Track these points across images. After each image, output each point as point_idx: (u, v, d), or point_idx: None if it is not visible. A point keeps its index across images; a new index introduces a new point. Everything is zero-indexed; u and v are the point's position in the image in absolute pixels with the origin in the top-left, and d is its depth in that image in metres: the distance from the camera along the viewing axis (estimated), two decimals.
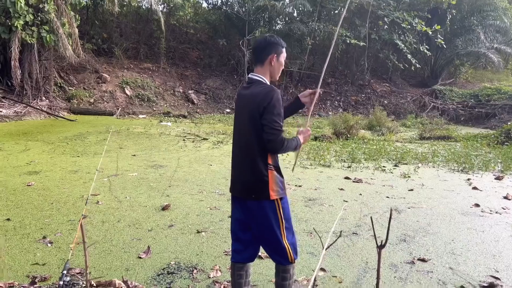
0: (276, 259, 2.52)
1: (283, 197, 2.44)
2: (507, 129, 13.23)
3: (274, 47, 2.43)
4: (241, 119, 2.44)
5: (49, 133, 10.32)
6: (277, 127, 2.29)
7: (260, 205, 2.39)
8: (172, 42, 21.74)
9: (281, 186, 2.44)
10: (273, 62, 2.44)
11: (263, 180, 2.36)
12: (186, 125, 14.28)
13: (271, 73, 2.48)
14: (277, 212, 2.40)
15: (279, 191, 2.41)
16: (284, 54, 2.50)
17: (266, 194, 2.36)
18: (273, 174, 2.39)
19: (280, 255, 2.47)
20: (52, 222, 4.21)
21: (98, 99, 16.55)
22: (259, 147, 2.35)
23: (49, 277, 3.07)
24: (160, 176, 6.47)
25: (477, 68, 28.25)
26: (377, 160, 8.83)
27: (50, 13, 12.47)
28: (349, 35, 20.77)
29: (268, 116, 2.28)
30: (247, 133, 2.38)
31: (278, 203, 2.40)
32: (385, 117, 15.53)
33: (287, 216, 2.46)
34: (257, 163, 2.36)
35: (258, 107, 2.30)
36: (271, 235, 2.43)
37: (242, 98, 2.47)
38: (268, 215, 2.40)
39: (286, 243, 2.44)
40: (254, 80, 2.44)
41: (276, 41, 2.45)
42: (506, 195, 6.24)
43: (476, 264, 3.68)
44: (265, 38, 2.46)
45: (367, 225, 4.57)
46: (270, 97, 2.29)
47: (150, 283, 3.06)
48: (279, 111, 2.30)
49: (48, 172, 6.33)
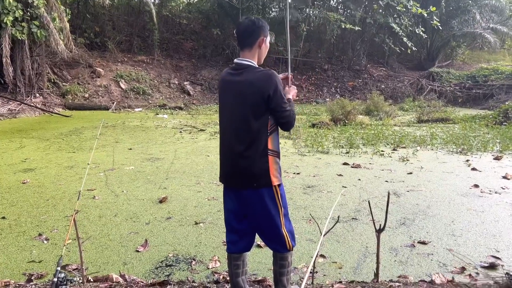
0: (274, 247, 2.47)
1: (281, 183, 2.41)
2: (505, 109, 13.18)
3: (263, 30, 2.37)
4: (237, 106, 2.34)
5: (44, 130, 10.24)
6: (287, 108, 2.31)
7: (259, 193, 2.33)
8: (166, 33, 21.52)
9: (280, 172, 2.40)
10: (262, 45, 2.39)
11: (264, 167, 2.30)
12: (183, 116, 14.19)
13: (259, 57, 2.41)
14: (276, 199, 2.35)
15: (278, 177, 2.37)
16: (269, 37, 2.49)
17: (268, 181, 2.31)
18: (273, 160, 2.34)
19: (279, 243, 2.43)
20: (48, 219, 4.17)
21: (92, 94, 16.42)
22: (259, 134, 2.30)
23: (45, 274, 3.03)
24: (157, 168, 6.42)
25: (474, 49, 28.08)
26: (375, 145, 8.79)
27: (40, 8, 12.28)
28: (344, 20, 20.58)
29: (279, 101, 2.27)
30: (245, 120, 2.29)
31: (276, 190, 2.35)
32: (383, 102, 15.43)
33: (284, 203, 2.43)
34: (257, 150, 2.30)
35: (262, 93, 2.24)
36: (270, 223, 2.39)
37: (234, 85, 2.35)
38: (267, 203, 2.34)
39: (284, 230, 2.40)
40: (245, 66, 2.35)
41: (264, 24, 2.39)
42: (505, 175, 6.21)
43: (476, 244, 3.65)
44: (253, 21, 2.38)
45: (366, 210, 4.54)
46: (275, 83, 2.25)
47: (148, 276, 3.03)
48: (282, 92, 2.32)
49: (43, 168, 6.28)
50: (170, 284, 2.80)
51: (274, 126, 2.36)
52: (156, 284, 2.81)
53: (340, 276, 3.07)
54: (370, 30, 22.15)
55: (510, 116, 12.58)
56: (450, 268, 3.19)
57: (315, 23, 21.53)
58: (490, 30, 22.67)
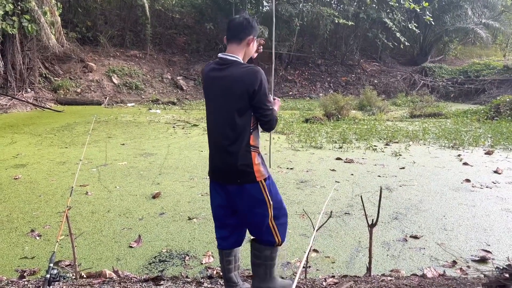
0: (261, 240, 2.46)
1: (268, 176, 2.39)
2: (497, 104, 13.30)
3: (254, 30, 2.36)
4: (222, 102, 2.32)
5: (35, 125, 10.15)
6: (270, 107, 2.32)
7: (243, 189, 2.31)
8: (158, 28, 21.36)
9: (264, 166, 2.39)
10: (250, 45, 2.36)
11: (248, 163, 2.29)
12: (176, 112, 14.14)
13: (245, 55, 2.38)
14: (263, 193, 2.33)
15: (262, 172, 2.35)
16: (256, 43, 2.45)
17: (252, 177, 2.30)
18: (255, 156, 2.33)
19: (266, 236, 2.42)
20: (40, 215, 4.14)
21: (85, 88, 16.29)
22: (243, 130, 2.28)
23: (38, 270, 3.02)
24: (150, 164, 6.40)
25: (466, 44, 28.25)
26: (368, 140, 8.83)
27: (31, 2, 12.12)
28: (337, 15, 20.56)
29: (261, 98, 2.25)
30: (230, 116, 2.28)
31: (263, 184, 2.34)
32: (376, 97, 15.49)
33: (274, 196, 2.40)
34: (240, 146, 2.29)
35: (247, 89, 2.21)
36: (257, 218, 2.37)
37: (219, 81, 2.31)
38: (253, 197, 2.32)
39: (273, 223, 2.39)
40: (230, 61, 2.30)
41: (256, 25, 2.38)
42: (496, 169, 6.28)
43: (467, 238, 3.69)
44: (248, 19, 2.36)
45: (359, 205, 4.57)
46: (260, 79, 2.22)
47: (141, 272, 3.03)
48: (267, 91, 2.29)
49: (35, 164, 6.23)
50: (163, 280, 2.80)
51: (255, 123, 2.35)
52: (149, 279, 2.81)
53: (333, 270, 3.09)
54: (363, 25, 22.17)
55: (501, 111, 12.70)
56: (441, 262, 3.23)
57: (309, 18, 21.50)
58: (482, 26, 22.80)
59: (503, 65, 20.83)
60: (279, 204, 2.43)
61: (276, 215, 2.41)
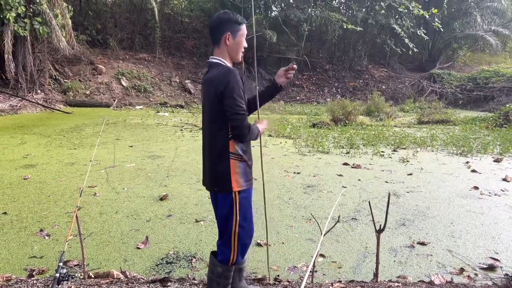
0: (220, 252, 2.35)
1: (245, 189, 2.25)
2: (506, 111, 13.19)
3: (227, 25, 2.21)
4: (204, 106, 2.28)
5: (45, 126, 10.25)
6: (240, 111, 2.12)
7: (218, 198, 2.27)
8: (167, 31, 21.53)
9: (245, 177, 2.25)
10: (228, 42, 2.22)
11: (224, 171, 2.19)
12: (184, 115, 14.21)
13: (229, 54, 2.26)
14: (233, 205, 2.22)
15: (241, 183, 2.22)
16: (242, 31, 2.25)
17: (228, 186, 2.20)
18: (235, 165, 2.20)
19: (222, 250, 2.32)
20: (49, 215, 4.18)
21: (94, 91, 16.43)
22: (218, 136, 2.20)
23: (46, 269, 3.05)
24: (157, 166, 6.43)
25: (475, 51, 28.09)
26: (375, 146, 8.80)
27: (42, 5, 12.29)
28: (346, 20, 20.58)
29: (229, 101, 2.09)
30: (207, 121, 2.24)
31: (235, 196, 2.22)
32: (383, 102, 15.46)
33: (244, 213, 2.26)
34: (217, 153, 2.21)
35: (215, 92, 2.12)
36: (223, 227, 2.30)
37: (203, 85, 2.30)
38: (224, 206, 2.25)
39: (235, 241, 2.27)
40: (212, 64, 2.26)
41: (230, 17, 2.22)
42: (505, 177, 6.23)
43: (475, 246, 3.67)
44: (218, 16, 2.24)
45: (366, 210, 4.56)
46: (227, 80, 2.09)
47: (148, 273, 3.05)
48: (239, 93, 2.11)
49: (44, 165, 6.29)
50: (170, 281, 2.81)
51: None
52: (156, 281, 2.83)
53: (339, 275, 3.08)
54: (372, 31, 22.16)
55: (510, 118, 12.59)
56: (449, 269, 3.21)
57: (317, 23, 21.57)
58: (491, 33, 22.68)
59: None
60: (246, 223, 2.29)
61: (240, 234, 2.27)
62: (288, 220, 4.21)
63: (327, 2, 24.27)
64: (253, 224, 2.37)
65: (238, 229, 2.25)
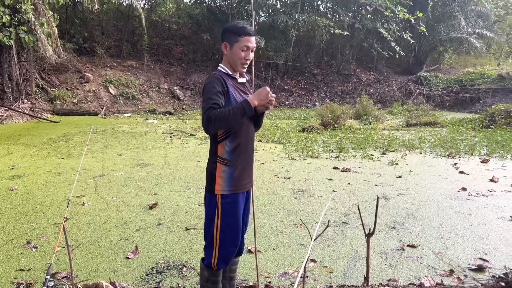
0: (205, 255, 2.39)
1: (229, 195, 2.26)
2: (492, 112, 13.40)
3: (226, 35, 2.26)
4: None
5: (32, 136, 10.13)
6: (204, 106, 2.12)
7: (207, 197, 2.34)
8: (155, 38, 21.49)
9: (229, 183, 2.25)
10: (226, 51, 2.27)
11: (212, 173, 2.29)
12: (173, 122, 14.15)
13: (229, 63, 2.29)
14: (216, 208, 2.27)
15: (224, 187, 2.25)
16: (242, 43, 2.22)
17: (212, 188, 2.27)
18: (220, 168, 2.25)
19: (206, 253, 2.36)
20: (36, 226, 4.12)
21: (81, 99, 16.30)
22: (212, 138, 2.29)
23: (34, 282, 2.99)
24: (147, 174, 6.39)
25: (460, 54, 28.56)
26: (364, 149, 8.86)
27: (28, 13, 12.17)
28: (333, 25, 20.76)
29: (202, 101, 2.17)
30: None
31: (218, 200, 2.26)
32: (372, 106, 15.61)
33: (226, 218, 2.27)
34: (210, 155, 2.32)
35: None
36: (207, 228, 2.34)
37: None
38: (209, 207, 2.31)
39: (216, 245, 2.29)
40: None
41: (230, 29, 2.25)
42: (492, 178, 6.31)
43: (464, 247, 3.70)
44: (227, 24, 2.33)
45: (356, 214, 4.57)
46: (205, 84, 2.20)
47: (138, 283, 3.01)
48: (209, 91, 2.14)
49: (31, 175, 6.21)
50: None
51: (226, 134, 2.23)
52: None
53: (330, 280, 3.08)
54: (359, 35, 22.39)
55: (496, 119, 12.79)
56: (439, 271, 3.23)
57: (304, 28, 21.72)
58: (476, 35, 23.09)
59: (497, 74, 21.06)
60: (230, 230, 2.29)
61: (222, 238, 2.29)
62: (279, 226, 4.21)
63: (314, 7, 24.48)
64: (240, 233, 2.37)
65: (220, 233, 2.28)
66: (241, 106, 2.13)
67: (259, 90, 2.22)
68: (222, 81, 2.21)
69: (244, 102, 2.14)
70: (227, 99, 2.20)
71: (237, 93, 2.27)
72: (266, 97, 2.18)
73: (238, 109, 2.12)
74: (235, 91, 2.26)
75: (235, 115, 2.10)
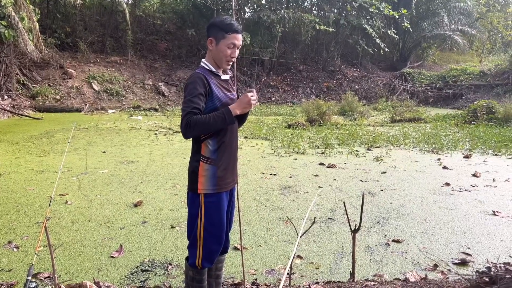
0: (189, 254, 2.36)
1: (212, 194, 2.23)
2: (474, 108, 13.63)
3: (212, 31, 2.20)
4: None
5: (13, 133, 9.91)
6: (184, 108, 2.09)
7: (190, 195, 2.30)
8: (139, 33, 21.20)
9: (212, 182, 2.22)
10: (211, 47, 2.21)
11: (194, 171, 2.24)
12: (158, 118, 14.02)
13: (214, 59, 2.24)
14: (199, 207, 2.24)
15: (207, 186, 2.22)
16: (229, 41, 2.17)
17: (195, 187, 2.24)
18: (203, 167, 2.22)
19: (190, 252, 2.34)
20: (18, 225, 4.03)
21: (64, 95, 16.00)
22: (194, 138, 2.26)
23: (16, 283, 2.93)
24: (131, 172, 6.31)
25: (444, 50, 28.93)
26: (350, 145, 8.91)
27: (7, 7, 11.86)
28: (318, 21, 20.80)
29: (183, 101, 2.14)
30: None
31: (201, 199, 2.23)
32: (357, 102, 15.70)
33: (210, 217, 2.24)
34: (192, 153, 2.28)
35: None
36: (190, 227, 2.32)
37: None
38: (192, 206, 2.28)
39: (200, 244, 2.27)
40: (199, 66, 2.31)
41: (217, 24, 2.19)
42: (475, 173, 6.42)
43: (448, 242, 3.75)
44: (213, 19, 2.27)
45: (342, 210, 4.60)
46: (187, 83, 2.15)
47: (123, 282, 2.97)
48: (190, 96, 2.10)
49: (12, 173, 6.07)
50: None
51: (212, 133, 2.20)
52: None
53: (317, 276, 3.09)
54: (344, 31, 22.49)
55: (478, 115, 13.02)
56: (423, 265, 3.27)
57: (290, 24, 21.69)
58: (458, 32, 23.41)
59: (479, 70, 21.42)
60: (214, 229, 2.26)
61: (206, 237, 2.26)
62: (265, 223, 4.20)
63: (299, 3, 24.49)
64: (224, 232, 2.34)
65: (203, 232, 2.26)
66: (222, 115, 2.10)
67: (241, 97, 2.18)
68: (204, 80, 2.16)
69: (225, 111, 2.11)
70: (210, 98, 2.18)
71: (220, 90, 2.23)
72: (248, 104, 2.16)
73: (218, 117, 2.09)
74: (218, 89, 2.22)
75: (215, 123, 2.09)
